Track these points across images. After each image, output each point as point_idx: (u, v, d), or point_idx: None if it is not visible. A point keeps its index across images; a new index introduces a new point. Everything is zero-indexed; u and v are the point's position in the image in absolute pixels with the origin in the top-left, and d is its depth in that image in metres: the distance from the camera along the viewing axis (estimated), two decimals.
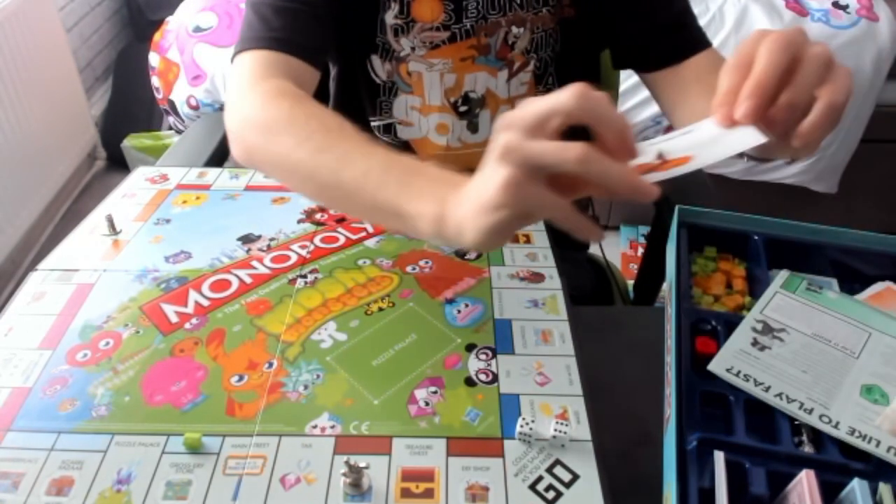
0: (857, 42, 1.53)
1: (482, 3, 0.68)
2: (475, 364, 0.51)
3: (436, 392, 0.49)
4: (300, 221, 0.68)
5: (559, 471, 0.44)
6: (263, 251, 0.63)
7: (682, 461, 0.42)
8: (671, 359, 0.49)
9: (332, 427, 0.46)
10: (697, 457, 0.41)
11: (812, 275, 0.57)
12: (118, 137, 2.02)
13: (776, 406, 0.45)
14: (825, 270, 0.58)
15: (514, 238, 0.66)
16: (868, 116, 1.61)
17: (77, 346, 0.53)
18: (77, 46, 2.00)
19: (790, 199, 1.74)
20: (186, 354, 0.52)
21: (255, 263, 0.62)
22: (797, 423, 0.44)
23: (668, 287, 0.56)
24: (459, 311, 0.56)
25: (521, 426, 0.45)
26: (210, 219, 0.68)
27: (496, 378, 0.50)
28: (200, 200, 0.71)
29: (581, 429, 0.46)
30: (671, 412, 0.45)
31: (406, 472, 0.43)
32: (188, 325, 0.55)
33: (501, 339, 0.54)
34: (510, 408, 0.48)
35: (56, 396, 0.48)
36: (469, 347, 0.53)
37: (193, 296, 0.58)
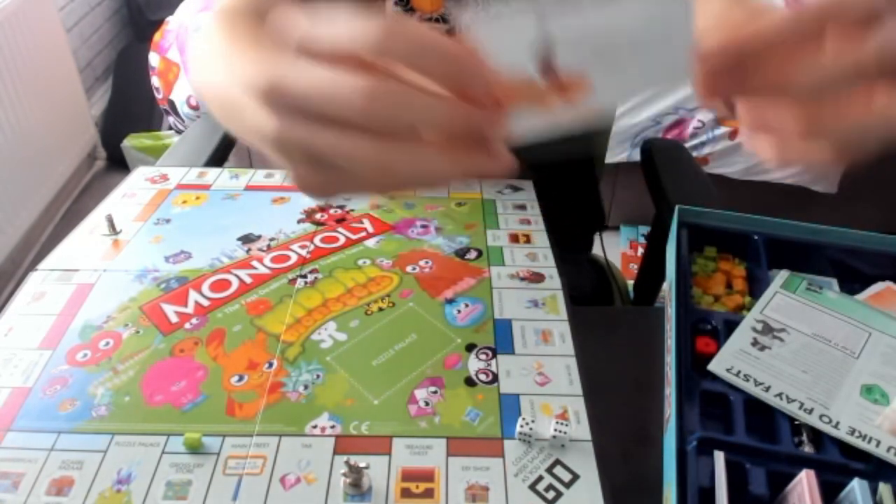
0: None
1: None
2: (475, 364, 0.51)
3: (436, 392, 0.49)
4: (300, 221, 0.68)
5: (559, 471, 0.44)
6: (263, 251, 0.63)
7: (682, 461, 0.42)
8: (671, 359, 0.49)
9: (332, 427, 0.46)
10: (697, 457, 0.41)
11: (812, 275, 0.57)
12: (118, 137, 2.02)
13: (776, 406, 0.45)
14: (825, 270, 0.58)
15: (515, 238, 0.66)
16: None
17: (77, 346, 0.53)
18: (77, 46, 2.00)
19: (790, 199, 1.75)
20: (186, 354, 0.52)
21: (255, 263, 0.62)
22: (797, 423, 0.44)
23: (668, 287, 0.56)
24: (459, 311, 0.56)
25: (521, 426, 0.45)
26: (210, 219, 0.68)
27: (496, 378, 0.50)
28: (200, 200, 0.72)
29: (581, 429, 0.46)
30: (671, 412, 0.45)
31: (406, 472, 0.43)
32: (188, 325, 0.55)
33: (501, 339, 0.54)
34: (510, 408, 0.48)
35: (56, 396, 0.48)
36: (469, 347, 0.53)
37: (193, 296, 0.58)
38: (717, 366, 0.47)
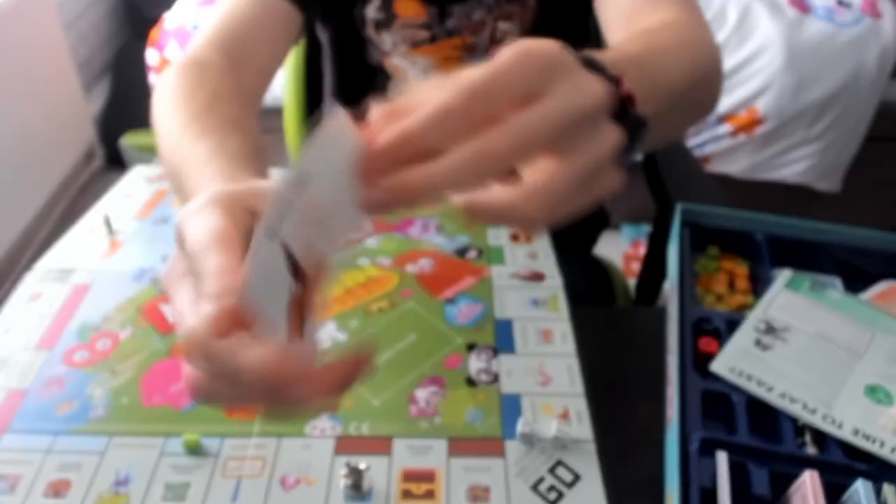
0: (861, 40, 1.53)
1: (467, 7, 0.67)
2: (476, 364, 0.51)
3: (436, 392, 0.49)
4: None
5: (561, 471, 0.43)
6: None
7: (685, 461, 0.41)
8: (673, 358, 0.48)
9: (332, 428, 0.46)
10: (700, 457, 0.41)
11: (816, 274, 0.57)
12: (116, 135, 2.02)
13: (779, 406, 0.44)
14: (829, 269, 0.58)
15: (515, 237, 0.65)
16: (872, 114, 1.61)
17: (74, 347, 0.52)
18: (75, 44, 1.99)
19: (793, 198, 1.74)
20: None
21: None
22: (800, 424, 0.44)
23: (671, 286, 0.56)
24: (460, 311, 0.56)
25: (523, 426, 0.45)
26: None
27: (497, 378, 0.50)
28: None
29: (583, 429, 0.46)
30: (673, 412, 0.44)
31: (407, 473, 0.43)
32: None
33: (502, 339, 0.53)
34: (511, 408, 0.48)
35: (53, 398, 0.48)
36: (470, 347, 0.52)
37: None
38: (720, 365, 0.47)
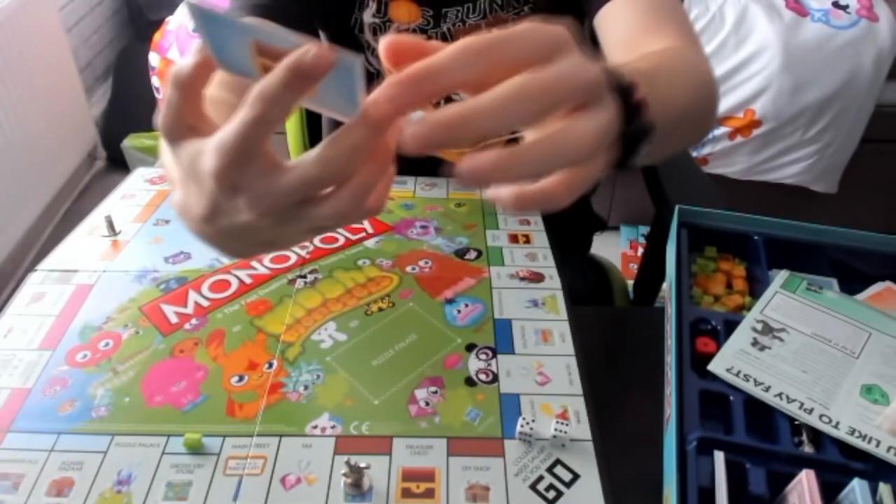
0: (858, 42, 1.53)
1: (462, 11, 0.68)
2: (475, 364, 0.51)
3: (436, 392, 0.49)
4: None
5: (560, 470, 0.44)
6: None
7: (683, 461, 0.42)
8: (671, 359, 0.49)
9: (333, 427, 0.46)
10: (697, 456, 0.41)
11: (812, 275, 0.57)
12: (118, 137, 2.02)
13: (776, 406, 0.45)
14: (825, 270, 0.58)
15: (514, 238, 0.66)
16: (868, 116, 1.62)
17: (77, 347, 0.53)
18: (77, 46, 2.00)
19: (790, 199, 1.74)
20: (186, 355, 0.52)
21: (255, 264, 0.62)
22: (797, 423, 0.44)
23: (668, 287, 0.56)
24: (459, 311, 0.56)
25: (522, 426, 0.45)
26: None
27: (496, 378, 0.50)
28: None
29: (581, 428, 0.46)
30: (671, 412, 0.45)
31: (406, 472, 0.43)
32: (188, 326, 0.55)
33: (501, 339, 0.54)
34: (510, 408, 0.48)
35: (56, 397, 0.48)
36: (469, 347, 0.53)
37: (193, 296, 0.58)
38: (717, 366, 0.47)
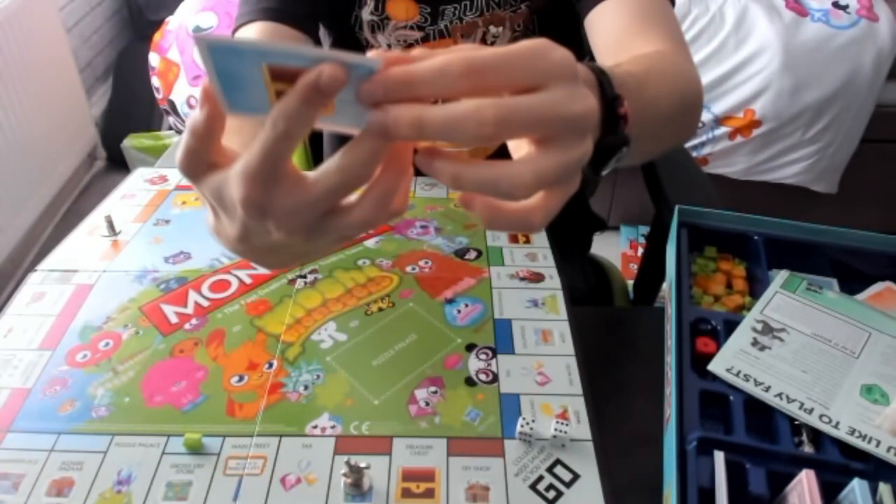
0: (857, 42, 1.53)
1: (460, 8, 0.68)
2: (475, 364, 0.51)
3: (436, 392, 0.49)
4: None
5: (560, 470, 0.44)
6: None
7: (683, 461, 0.42)
8: (671, 359, 0.49)
9: (333, 427, 0.46)
10: (697, 457, 0.41)
11: (812, 275, 0.57)
12: (118, 137, 2.02)
13: (776, 406, 0.45)
14: (825, 270, 0.58)
15: (514, 238, 0.66)
16: (868, 116, 1.61)
17: (77, 347, 0.53)
18: (77, 46, 2.00)
19: (790, 199, 1.74)
20: (186, 355, 0.52)
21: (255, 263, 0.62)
22: (797, 423, 0.44)
23: (668, 287, 0.56)
24: (459, 311, 0.56)
25: (522, 426, 0.45)
26: (205, 214, 0.68)
27: (496, 378, 0.50)
28: (199, 201, 0.71)
29: (581, 428, 0.46)
30: (671, 412, 0.45)
31: (406, 472, 0.43)
32: (188, 326, 0.55)
33: (501, 339, 0.54)
34: (510, 408, 0.48)
35: (56, 397, 0.48)
36: (469, 347, 0.53)
37: (193, 296, 0.58)
38: (717, 366, 0.47)
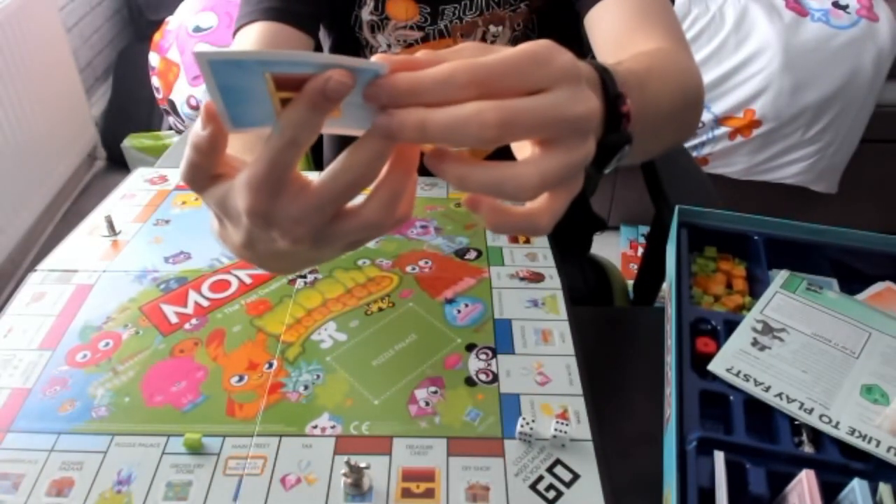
0: (857, 42, 1.53)
1: (459, 8, 0.68)
2: (475, 364, 0.51)
3: (436, 392, 0.49)
4: None
5: (560, 470, 0.44)
6: None
7: (683, 461, 0.42)
8: (671, 359, 0.49)
9: (333, 427, 0.46)
10: (697, 457, 0.41)
11: (812, 275, 0.57)
12: (118, 137, 2.02)
13: (776, 406, 0.45)
14: (825, 270, 0.58)
15: (514, 238, 0.66)
16: (868, 116, 1.62)
17: (77, 347, 0.53)
18: (77, 46, 2.00)
19: (790, 199, 1.74)
20: (186, 355, 0.52)
21: None
22: (797, 423, 0.44)
23: (668, 287, 0.56)
24: (459, 311, 0.56)
25: (522, 426, 0.45)
26: (209, 219, 0.68)
27: (496, 378, 0.50)
28: (200, 201, 0.71)
29: (581, 428, 0.46)
30: (671, 412, 0.45)
31: (406, 472, 0.43)
32: (188, 326, 0.55)
33: (501, 339, 0.54)
34: (510, 408, 0.48)
35: (56, 397, 0.48)
36: (469, 347, 0.53)
37: (193, 296, 0.58)
38: (717, 366, 0.47)
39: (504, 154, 0.29)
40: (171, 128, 2.02)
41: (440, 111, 0.26)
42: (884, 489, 0.39)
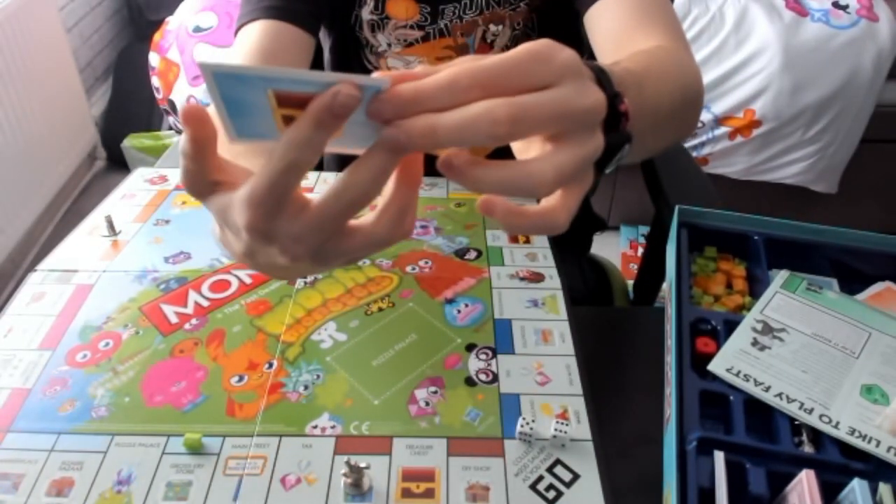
0: (857, 42, 1.53)
1: (459, 7, 0.68)
2: (475, 364, 0.51)
3: (436, 392, 0.49)
4: None
5: (560, 470, 0.44)
6: None
7: (683, 461, 0.42)
8: (671, 359, 0.49)
9: (333, 427, 0.46)
10: (697, 457, 0.41)
11: (812, 275, 0.57)
12: (118, 137, 2.02)
13: (776, 406, 0.45)
14: (825, 270, 0.58)
15: (514, 238, 0.66)
16: (868, 116, 1.62)
17: (77, 347, 0.53)
18: (77, 46, 2.00)
19: (790, 199, 1.74)
20: (186, 355, 0.52)
21: None
22: (797, 423, 0.44)
23: (668, 287, 0.56)
24: (459, 311, 0.56)
25: (522, 426, 0.45)
26: (209, 219, 0.68)
27: (496, 378, 0.50)
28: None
29: (581, 428, 0.46)
30: (671, 412, 0.45)
31: (406, 472, 0.43)
32: (188, 326, 0.55)
33: (501, 339, 0.54)
34: (510, 408, 0.48)
35: (56, 397, 0.48)
36: (469, 347, 0.53)
37: (193, 296, 0.58)
38: (717, 366, 0.47)
39: (503, 156, 0.29)
40: (171, 128, 2.02)
41: (449, 113, 0.26)
42: (884, 489, 0.39)
